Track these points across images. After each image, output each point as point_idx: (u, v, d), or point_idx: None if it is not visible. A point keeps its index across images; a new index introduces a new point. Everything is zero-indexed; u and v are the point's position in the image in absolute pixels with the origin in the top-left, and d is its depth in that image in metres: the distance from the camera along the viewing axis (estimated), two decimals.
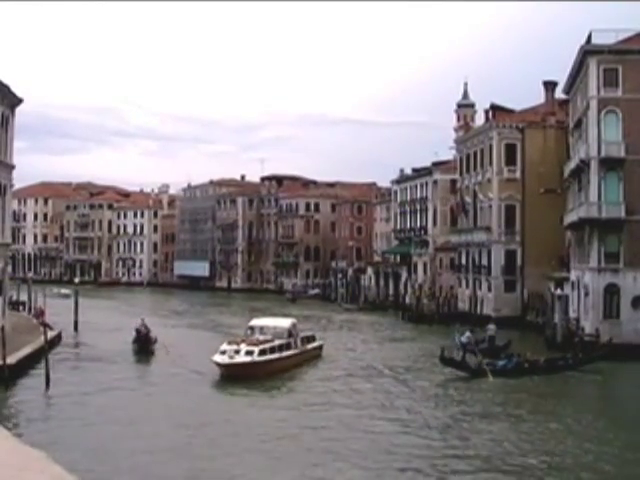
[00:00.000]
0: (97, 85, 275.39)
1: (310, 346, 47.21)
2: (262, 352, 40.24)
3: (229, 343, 41.10)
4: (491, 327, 51.38)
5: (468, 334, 46.32)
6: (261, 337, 42.63)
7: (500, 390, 37.84)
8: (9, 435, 9.68)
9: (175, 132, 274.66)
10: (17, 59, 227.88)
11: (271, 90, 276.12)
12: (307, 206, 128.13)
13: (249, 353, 39.71)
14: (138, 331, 50.46)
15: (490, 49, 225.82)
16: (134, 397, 34.67)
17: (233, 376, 38.33)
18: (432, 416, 31.36)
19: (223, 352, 39.76)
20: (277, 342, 42.20)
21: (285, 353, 42.54)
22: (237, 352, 39.57)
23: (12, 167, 51.02)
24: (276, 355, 41.39)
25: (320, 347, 49.04)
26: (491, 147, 71.34)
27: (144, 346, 49.43)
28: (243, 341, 41.42)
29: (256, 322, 46.31)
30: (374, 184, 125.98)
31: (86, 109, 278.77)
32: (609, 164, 50.47)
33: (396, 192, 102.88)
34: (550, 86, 72.40)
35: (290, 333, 44.39)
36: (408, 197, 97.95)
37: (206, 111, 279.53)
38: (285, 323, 46.19)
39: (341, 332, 65.31)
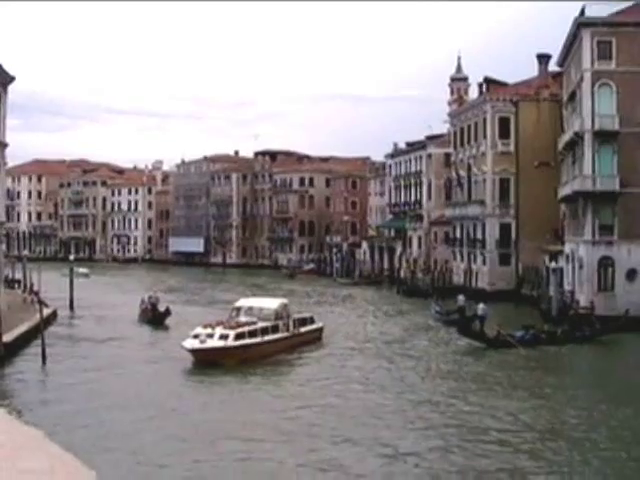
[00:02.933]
0: (89, 62, 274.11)
1: (305, 329, 43.38)
2: (239, 336, 36.87)
3: (204, 326, 37.97)
4: (461, 298, 52.97)
5: (483, 306, 46.06)
6: (243, 319, 39.58)
7: (514, 361, 38.15)
8: (6, 414, 9.69)
9: (168, 108, 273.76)
10: (8, 37, 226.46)
11: (264, 66, 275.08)
12: (301, 181, 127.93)
13: (223, 337, 36.52)
14: (153, 304, 52.79)
15: (483, 22, 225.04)
16: (121, 377, 33.95)
17: (205, 362, 35.53)
18: (438, 389, 31.69)
19: (196, 336, 36.65)
20: (260, 325, 38.86)
21: (269, 337, 39.01)
22: (210, 336, 36.44)
23: (5, 145, 50.82)
24: (257, 339, 37.93)
25: (319, 330, 45.27)
26: (485, 120, 71.20)
27: (157, 319, 51.38)
28: (220, 324, 38.30)
29: (242, 302, 43.23)
30: (368, 158, 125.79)
31: (78, 86, 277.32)
32: (603, 137, 50.42)
33: (390, 166, 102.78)
34: (544, 59, 72.21)
35: (278, 315, 40.95)
36: (402, 171, 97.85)
37: (199, 87, 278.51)
38: (272, 304, 42.45)
39: (338, 307, 65.34)
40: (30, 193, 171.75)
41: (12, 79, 50.27)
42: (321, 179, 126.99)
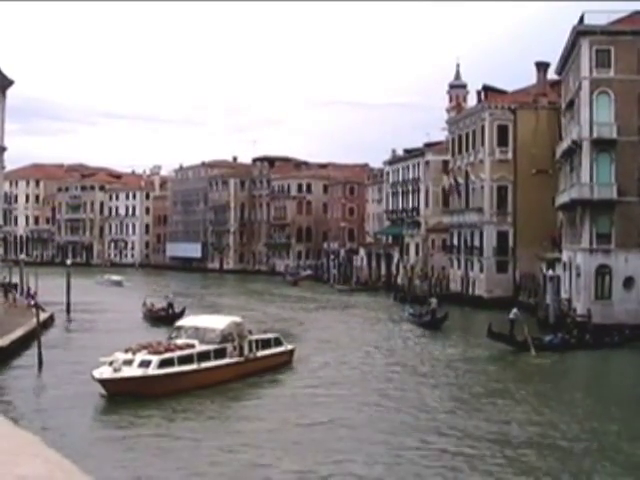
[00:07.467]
0: (87, 67, 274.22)
1: (266, 352, 36.45)
2: (165, 363, 30.68)
3: (125, 351, 31.64)
4: (433, 301, 55.48)
5: (515, 310, 45.87)
6: (179, 341, 33.44)
7: (542, 365, 38.78)
8: (1, 418, 9.63)
9: (166, 114, 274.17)
10: (7, 41, 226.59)
11: (263, 71, 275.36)
12: (299, 187, 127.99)
13: (144, 364, 30.29)
14: (169, 304, 57.66)
15: (482, 29, 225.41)
16: None
17: (119, 395, 28.85)
18: (461, 391, 31.92)
19: (111, 363, 30.38)
20: (198, 349, 32.64)
21: (211, 363, 32.61)
22: (129, 363, 30.35)
23: (4, 149, 50.87)
24: (192, 366, 31.62)
25: (289, 352, 38.40)
26: (483, 128, 71.23)
27: (171, 318, 52.96)
28: (144, 348, 32.01)
29: (186, 321, 37.67)
30: (366, 165, 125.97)
31: (77, 91, 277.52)
32: (601, 145, 50.48)
33: (388, 173, 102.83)
34: (542, 67, 72.21)
35: (226, 336, 34.19)
36: (400, 178, 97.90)
37: (197, 93, 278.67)
38: (219, 323, 35.41)
39: (332, 315, 64.95)
40: (28, 197, 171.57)
41: (11, 83, 50.37)
42: (319, 185, 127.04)
